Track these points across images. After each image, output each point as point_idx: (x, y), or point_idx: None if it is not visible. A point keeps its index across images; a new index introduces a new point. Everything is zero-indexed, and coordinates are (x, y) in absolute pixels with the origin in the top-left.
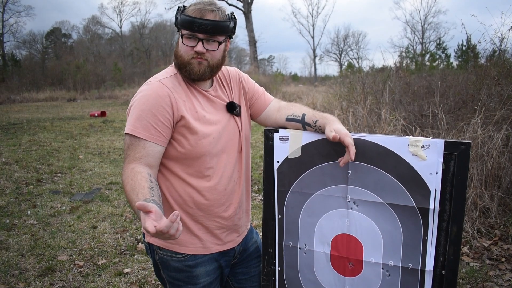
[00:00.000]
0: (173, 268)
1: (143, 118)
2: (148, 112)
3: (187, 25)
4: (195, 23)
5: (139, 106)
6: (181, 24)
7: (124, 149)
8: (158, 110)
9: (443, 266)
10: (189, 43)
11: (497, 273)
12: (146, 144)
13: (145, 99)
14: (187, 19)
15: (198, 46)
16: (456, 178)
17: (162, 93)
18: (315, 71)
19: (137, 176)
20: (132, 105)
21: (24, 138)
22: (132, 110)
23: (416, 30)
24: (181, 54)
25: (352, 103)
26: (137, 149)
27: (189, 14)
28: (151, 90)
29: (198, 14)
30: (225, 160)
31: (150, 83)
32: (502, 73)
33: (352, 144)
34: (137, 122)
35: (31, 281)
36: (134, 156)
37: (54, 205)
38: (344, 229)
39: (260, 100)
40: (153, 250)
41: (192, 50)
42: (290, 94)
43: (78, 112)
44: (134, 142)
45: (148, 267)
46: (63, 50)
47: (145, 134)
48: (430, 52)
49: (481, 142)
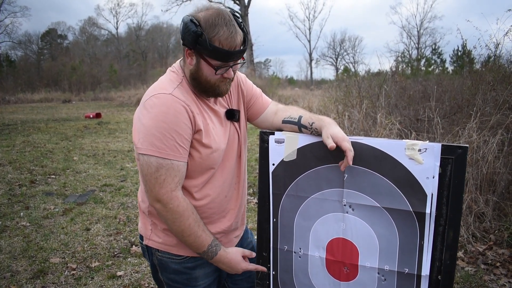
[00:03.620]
0: (172, 270)
1: (168, 138)
2: (171, 131)
3: (223, 57)
4: (232, 55)
5: (158, 125)
6: (212, 55)
7: (149, 172)
8: (181, 127)
9: (439, 271)
10: (220, 71)
11: (492, 277)
12: (179, 166)
13: (163, 117)
14: (222, 52)
15: (230, 73)
16: (453, 182)
17: (179, 109)
18: (311, 75)
19: (193, 209)
20: (145, 121)
21: (18, 139)
22: (150, 128)
23: (412, 35)
24: (209, 80)
25: (348, 107)
26: (172, 172)
27: (221, 45)
28: (167, 106)
29: (232, 45)
30: (227, 167)
31: (160, 96)
32: (497, 79)
33: (351, 149)
34: (161, 143)
35: (23, 283)
36: (173, 181)
37: (47, 207)
38: (339, 233)
39: (258, 103)
40: (151, 252)
41: (222, 76)
42: (286, 97)
43: (73, 114)
44: (165, 164)
45: (142, 270)
46: (58, 51)
47: (175, 155)
48: (426, 57)
49: (477, 147)
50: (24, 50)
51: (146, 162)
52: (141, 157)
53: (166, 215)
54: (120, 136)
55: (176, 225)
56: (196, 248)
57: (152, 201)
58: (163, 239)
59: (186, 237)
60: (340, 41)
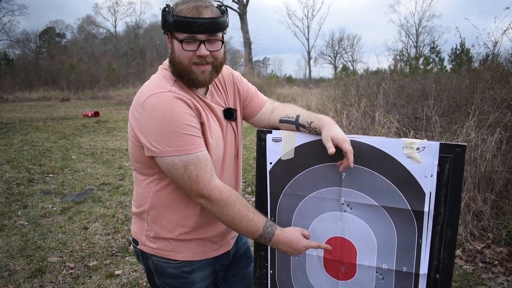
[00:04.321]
0: (169, 275)
1: (183, 134)
2: (183, 126)
3: (185, 27)
4: (195, 23)
5: (169, 123)
6: (175, 27)
7: (179, 174)
8: (190, 119)
9: (438, 270)
10: (190, 48)
11: (490, 276)
12: (204, 155)
13: (171, 115)
14: (184, 20)
15: (201, 50)
16: (451, 181)
17: (182, 103)
18: (309, 73)
19: (237, 193)
20: (151, 124)
21: (16, 138)
22: (160, 130)
23: (411, 33)
24: (180, 60)
25: (346, 106)
26: (201, 164)
27: (184, 14)
28: (170, 104)
29: (196, 13)
30: (226, 168)
31: (160, 95)
32: (495, 77)
33: (351, 150)
34: (178, 140)
35: (21, 282)
36: (206, 172)
37: (45, 206)
38: (337, 232)
39: (254, 101)
40: (146, 257)
41: (193, 55)
42: (285, 96)
43: (71, 112)
44: (190, 160)
45: (140, 269)
46: (57, 50)
47: (196, 147)
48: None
49: (475, 145)
50: (22, 49)
51: (171, 165)
52: (163, 162)
53: (213, 207)
54: (118, 135)
55: (225, 214)
56: (252, 233)
57: (196, 199)
58: (159, 245)
59: (238, 223)
60: (339, 39)
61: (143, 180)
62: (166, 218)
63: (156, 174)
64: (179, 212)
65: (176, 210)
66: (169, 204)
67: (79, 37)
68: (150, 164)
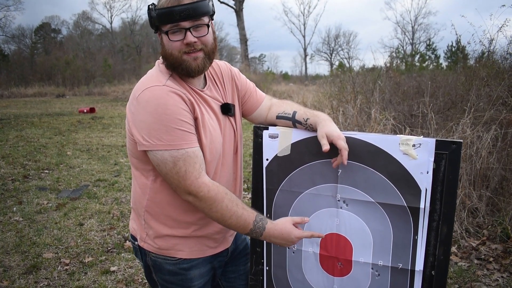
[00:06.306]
0: (167, 271)
1: (174, 128)
2: (175, 121)
3: (167, 17)
4: (175, 11)
5: (160, 117)
6: (159, 20)
7: (168, 168)
8: (183, 114)
9: (433, 266)
10: (176, 37)
11: (485, 272)
12: (195, 152)
13: (163, 108)
14: (165, 11)
15: (187, 37)
16: (447, 177)
17: (176, 97)
18: (306, 70)
19: (226, 190)
20: (144, 117)
21: (11, 133)
22: (152, 123)
23: (407, 30)
24: (171, 52)
25: (342, 102)
26: (190, 160)
27: (164, 5)
28: (164, 97)
29: (175, 2)
30: (225, 164)
31: (154, 88)
32: (491, 74)
33: (346, 148)
34: (169, 135)
35: (16, 279)
36: (195, 168)
37: (41, 202)
38: (333, 229)
39: (252, 98)
40: (144, 253)
41: (182, 44)
42: (281, 92)
43: (67, 108)
44: (180, 155)
45: (135, 266)
46: (52, 46)
47: (186, 142)
48: (420, 53)
49: (470, 142)
50: (17, 44)
51: (160, 159)
52: (153, 156)
53: (201, 204)
54: (114, 131)
55: (214, 211)
56: (242, 228)
57: (183, 196)
58: (158, 242)
59: (228, 220)
60: (335, 36)
61: (140, 176)
62: (164, 215)
63: (151, 170)
64: (177, 208)
65: (174, 206)
66: (167, 201)
67: (74, 33)
68: (144, 159)
